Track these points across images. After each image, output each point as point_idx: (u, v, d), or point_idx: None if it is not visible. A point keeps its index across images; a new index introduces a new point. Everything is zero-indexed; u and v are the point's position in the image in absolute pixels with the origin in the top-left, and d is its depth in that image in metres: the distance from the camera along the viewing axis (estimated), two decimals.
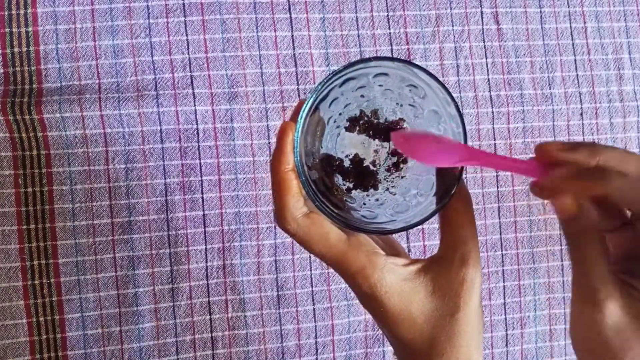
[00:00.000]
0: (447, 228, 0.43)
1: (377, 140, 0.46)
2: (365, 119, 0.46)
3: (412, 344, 0.42)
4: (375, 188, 0.47)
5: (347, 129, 0.47)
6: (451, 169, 0.42)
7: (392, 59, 0.42)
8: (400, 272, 0.42)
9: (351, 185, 0.46)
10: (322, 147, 0.46)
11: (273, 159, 0.40)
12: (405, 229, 0.42)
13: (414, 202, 0.45)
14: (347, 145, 0.46)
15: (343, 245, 0.41)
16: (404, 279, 0.42)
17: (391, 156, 0.47)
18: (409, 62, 0.41)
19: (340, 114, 0.47)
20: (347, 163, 0.46)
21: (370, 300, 0.42)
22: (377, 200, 0.47)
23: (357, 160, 0.47)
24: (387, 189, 0.47)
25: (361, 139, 0.46)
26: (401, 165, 0.47)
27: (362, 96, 0.46)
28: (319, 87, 0.41)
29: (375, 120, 0.46)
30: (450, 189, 0.42)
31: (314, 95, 0.41)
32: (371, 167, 0.47)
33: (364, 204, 0.46)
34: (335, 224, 0.42)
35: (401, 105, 0.46)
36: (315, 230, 0.41)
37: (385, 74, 0.44)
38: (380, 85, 0.46)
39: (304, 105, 0.41)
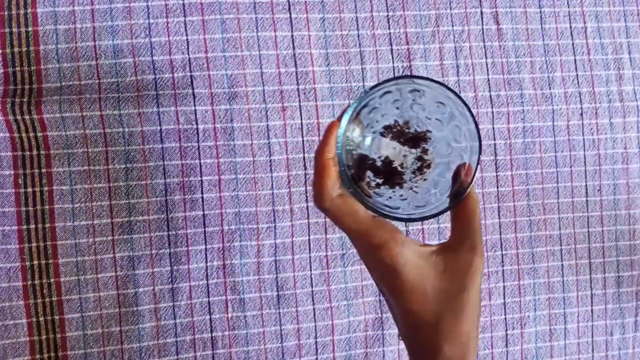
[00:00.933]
0: (459, 221, 0.49)
1: (406, 146, 0.53)
2: (398, 128, 0.53)
3: (421, 316, 0.46)
4: (401, 186, 0.53)
5: (381, 134, 0.54)
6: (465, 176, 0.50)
7: (426, 78, 0.49)
8: (417, 249, 0.47)
9: (380, 182, 0.53)
10: (359, 147, 0.53)
11: (319, 149, 0.47)
12: (423, 219, 0.49)
13: (433, 200, 0.52)
14: (381, 148, 0.53)
15: (369, 221, 0.47)
16: (420, 256, 0.47)
17: (417, 161, 0.54)
18: (440, 83, 0.49)
19: (377, 121, 0.53)
20: (378, 163, 0.53)
21: (390, 272, 0.46)
22: (401, 195, 0.53)
23: (387, 162, 0.53)
24: (411, 188, 0.54)
25: (393, 144, 0.53)
26: (424, 170, 0.54)
27: (397, 108, 0.54)
28: (363, 96, 0.50)
29: (406, 130, 0.53)
30: (463, 191, 0.49)
31: (357, 103, 0.49)
32: (399, 169, 0.53)
33: (390, 197, 0.53)
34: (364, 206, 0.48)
35: (429, 119, 0.53)
36: (346, 208, 0.47)
37: (418, 91, 0.51)
38: (413, 100, 0.53)
39: (348, 109, 0.49)
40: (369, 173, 0.54)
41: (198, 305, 0.65)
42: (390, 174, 0.55)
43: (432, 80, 0.50)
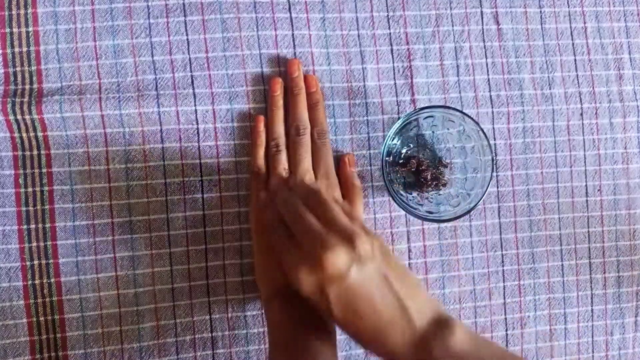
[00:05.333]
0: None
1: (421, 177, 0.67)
2: (416, 161, 0.67)
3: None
4: (421, 193, 0.67)
5: (402, 165, 0.67)
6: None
7: (469, 116, 0.61)
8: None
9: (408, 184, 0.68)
10: (399, 155, 0.67)
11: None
12: (433, 220, 0.63)
13: (442, 209, 0.65)
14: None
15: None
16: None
17: (435, 180, 0.67)
18: (475, 121, 0.61)
19: (405, 147, 0.68)
20: (409, 178, 0.68)
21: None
22: (418, 201, 0.67)
23: (414, 172, 0.67)
24: (427, 198, 0.67)
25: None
26: (440, 187, 0.67)
27: (432, 132, 0.68)
28: (411, 113, 0.61)
29: (422, 167, 0.67)
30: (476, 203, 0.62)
31: (405, 118, 0.61)
32: (421, 180, 0.67)
33: (410, 199, 0.66)
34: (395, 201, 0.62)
35: (455, 147, 0.67)
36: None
37: (453, 121, 0.64)
38: (447, 129, 0.66)
39: (396, 122, 0.61)
40: (400, 176, 0.67)
41: (198, 305, 0.65)
42: (416, 182, 0.67)
43: (470, 117, 0.61)
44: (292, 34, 0.66)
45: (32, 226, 0.62)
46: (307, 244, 0.48)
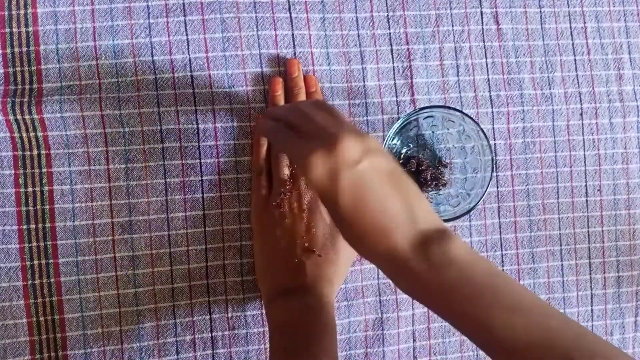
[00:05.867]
0: None
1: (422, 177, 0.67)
2: (415, 162, 0.66)
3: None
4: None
5: (402, 165, 0.66)
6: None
7: (468, 116, 0.62)
8: None
9: None
10: (399, 154, 0.67)
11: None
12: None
13: (442, 209, 0.65)
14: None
15: None
16: None
17: (435, 180, 0.67)
18: (475, 121, 0.62)
19: (405, 147, 0.67)
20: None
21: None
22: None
23: (414, 171, 0.67)
24: (427, 198, 0.65)
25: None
26: (440, 187, 0.67)
27: (432, 132, 0.67)
28: (411, 113, 0.62)
29: (422, 167, 0.66)
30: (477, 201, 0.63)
31: (405, 119, 0.62)
32: (421, 179, 0.67)
33: None
34: None
35: (455, 147, 0.67)
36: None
37: (453, 121, 0.65)
38: (447, 129, 0.66)
39: (396, 123, 0.62)
40: None
41: (198, 305, 0.65)
42: (415, 182, 0.63)
43: (470, 117, 0.62)
44: (292, 34, 0.66)
45: (32, 226, 0.62)
46: (322, 132, 0.48)
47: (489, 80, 0.69)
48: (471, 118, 0.61)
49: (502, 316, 0.44)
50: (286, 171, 0.62)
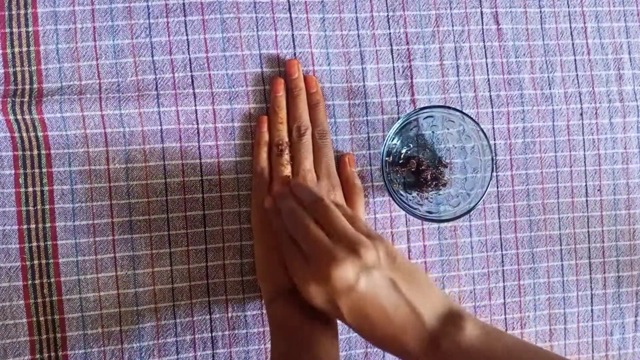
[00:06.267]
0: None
1: (422, 178, 0.67)
2: (415, 162, 0.66)
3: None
4: (421, 192, 0.67)
5: (402, 165, 0.67)
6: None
7: (468, 116, 0.62)
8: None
9: (407, 184, 0.68)
10: (399, 155, 0.67)
11: None
12: (432, 221, 0.64)
13: (442, 209, 0.66)
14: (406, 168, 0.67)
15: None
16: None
17: (435, 180, 0.67)
18: (475, 121, 0.62)
19: (405, 147, 0.67)
20: (409, 178, 0.67)
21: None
22: (418, 201, 0.66)
23: (414, 172, 0.67)
24: (427, 198, 0.67)
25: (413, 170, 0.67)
26: (440, 187, 0.67)
27: (432, 132, 0.68)
28: (411, 113, 0.62)
29: (422, 167, 0.66)
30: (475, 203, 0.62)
31: (405, 119, 0.62)
32: (421, 180, 0.67)
33: (410, 199, 0.66)
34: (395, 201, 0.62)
35: (455, 147, 0.67)
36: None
37: (452, 121, 0.65)
38: (447, 129, 0.67)
39: (396, 123, 0.62)
40: (399, 176, 0.67)
41: (198, 305, 0.65)
42: (416, 182, 0.67)
43: (470, 117, 0.62)
44: (292, 34, 0.66)
45: (32, 226, 0.62)
46: (315, 258, 0.49)
47: (489, 80, 0.69)
48: (471, 118, 0.61)
49: None
50: (287, 171, 0.62)
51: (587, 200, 0.71)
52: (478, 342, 0.48)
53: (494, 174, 0.68)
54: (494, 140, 0.69)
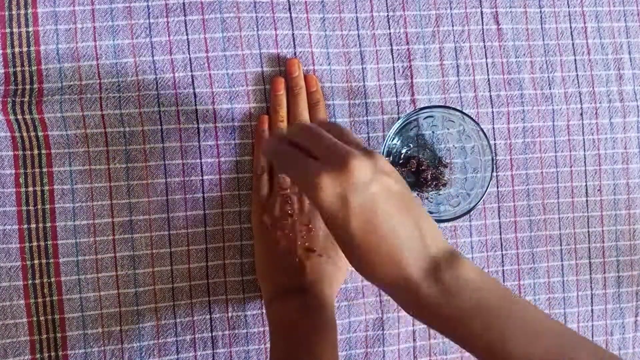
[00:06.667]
0: None
1: (422, 177, 0.67)
2: (415, 162, 0.67)
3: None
4: (421, 192, 0.67)
5: (402, 165, 0.67)
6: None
7: (469, 116, 0.62)
8: None
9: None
10: (399, 154, 0.67)
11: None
12: (440, 221, 0.64)
13: (442, 209, 0.66)
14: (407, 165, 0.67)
15: None
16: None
17: (435, 180, 0.67)
18: (475, 121, 0.62)
19: (405, 147, 0.67)
20: (409, 178, 0.68)
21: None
22: (426, 199, 0.67)
23: (414, 171, 0.67)
24: (427, 198, 0.67)
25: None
26: (440, 187, 0.67)
27: (432, 132, 0.68)
28: (411, 113, 0.62)
29: (422, 167, 0.66)
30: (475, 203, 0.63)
31: (405, 119, 0.62)
32: (421, 180, 0.67)
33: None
34: None
35: (455, 147, 0.67)
36: None
37: (452, 121, 0.65)
38: (447, 129, 0.67)
39: (396, 123, 0.62)
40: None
41: (198, 305, 0.65)
42: (416, 182, 0.67)
43: (470, 117, 0.62)
44: (292, 34, 0.66)
45: (33, 225, 0.62)
46: (332, 154, 0.45)
47: (489, 80, 0.69)
48: (471, 118, 0.62)
49: (519, 342, 0.44)
50: None
51: (587, 200, 0.71)
52: (478, 278, 0.46)
53: (494, 174, 0.68)
54: (494, 140, 0.69)
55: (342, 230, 0.45)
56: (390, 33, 0.68)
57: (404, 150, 0.67)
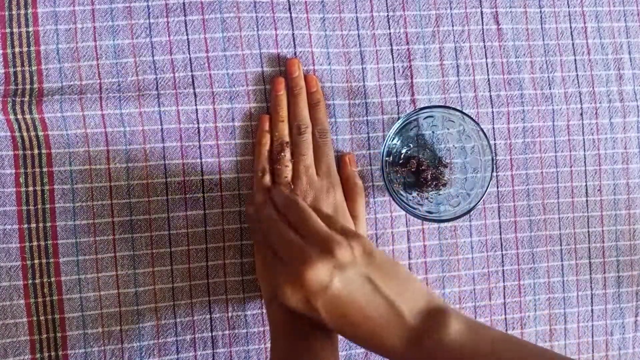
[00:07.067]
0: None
1: (422, 177, 0.67)
2: (415, 162, 0.66)
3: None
4: (421, 192, 0.67)
5: (402, 165, 0.67)
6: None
7: (469, 116, 0.62)
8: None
9: (407, 184, 0.68)
10: (399, 155, 0.67)
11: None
12: (432, 221, 0.64)
13: (442, 209, 0.66)
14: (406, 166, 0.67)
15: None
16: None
17: (435, 180, 0.67)
18: (475, 121, 0.62)
19: (405, 147, 0.67)
20: (409, 178, 0.67)
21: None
22: (418, 201, 0.67)
23: (414, 172, 0.67)
24: (427, 198, 0.67)
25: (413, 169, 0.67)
26: (440, 187, 0.67)
27: (432, 132, 0.68)
28: (410, 113, 0.62)
29: (422, 167, 0.66)
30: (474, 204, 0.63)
31: (405, 119, 0.62)
32: (421, 180, 0.67)
33: (410, 199, 0.66)
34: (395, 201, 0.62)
35: (455, 147, 0.67)
36: None
37: (452, 121, 0.65)
38: (447, 129, 0.67)
39: (396, 123, 0.62)
40: (399, 176, 0.67)
41: (198, 305, 0.65)
42: (416, 182, 0.67)
43: (470, 117, 0.62)
44: (292, 34, 0.66)
45: (33, 225, 0.62)
46: (288, 260, 0.49)
47: (489, 80, 0.69)
48: (471, 118, 0.62)
49: None
50: (287, 170, 0.62)
51: (587, 200, 0.71)
52: (462, 338, 0.48)
53: (494, 174, 0.68)
54: (494, 140, 0.69)
55: (321, 321, 0.50)
56: (390, 33, 0.68)
57: (404, 150, 0.67)
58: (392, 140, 0.63)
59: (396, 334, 0.48)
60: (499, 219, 0.69)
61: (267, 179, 0.63)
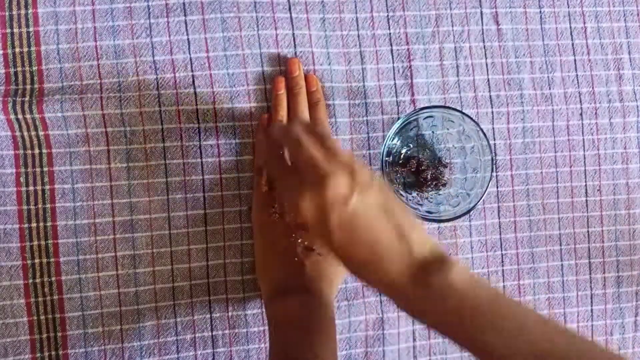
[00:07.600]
0: None
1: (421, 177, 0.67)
2: (415, 162, 0.67)
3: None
4: (421, 192, 0.67)
5: (402, 165, 0.67)
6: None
7: (469, 116, 0.63)
8: None
9: (407, 184, 0.68)
10: (399, 155, 0.67)
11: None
12: (432, 221, 0.65)
13: (441, 209, 0.66)
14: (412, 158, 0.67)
15: None
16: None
17: (435, 180, 0.67)
18: (475, 121, 0.63)
19: (405, 147, 0.67)
20: (409, 178, 0.68)
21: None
22: (418, 202, 0.67)
23: (414, 171, 0.67)
24: (427, 198, 0.67)
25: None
26: (440, 187, 0.67)
27: (432, 132, 0.68)
28: (411, 113, 0.63)
29: (421, 167, 0.67)
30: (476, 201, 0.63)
31: (405, 119, 0.62)
32: (421, 180, 0.67)
33: (410, 199, 0.66)
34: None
35: (455, 147, 0.68)
36: None
37: (452, 121, 0.65)
38: (447, 129, 0.67)
39: (396, 123, 0.63)
40: (399, 176, 0.67)
41: (198, 304, 0.65)
42: (415, 182, 0.67)
43: (470, 117, 0.62)
44: (293, 34, 0.66)
45: (33, 225, 0.62)
46: (310, 169, 0.48)
47: (489, 80, 0.69)
48: (471, 118, 0.62)
49: (506, 341, 0.45)
50: None
51: (586, 200, 0.71)
52: (464, 286, 0.47)
53: (494, 174, 0.68)
54: (494, 140, 0.69)
55: (325, 240, 0.48)
56: (390, 33, 0.68)
57: (403, 150, 0.67)
58: (392, 140, 0.63)
59: (400, 261, 0.47)
60: (499, 219, 0.69)
61: (266, 178, 0.63)
